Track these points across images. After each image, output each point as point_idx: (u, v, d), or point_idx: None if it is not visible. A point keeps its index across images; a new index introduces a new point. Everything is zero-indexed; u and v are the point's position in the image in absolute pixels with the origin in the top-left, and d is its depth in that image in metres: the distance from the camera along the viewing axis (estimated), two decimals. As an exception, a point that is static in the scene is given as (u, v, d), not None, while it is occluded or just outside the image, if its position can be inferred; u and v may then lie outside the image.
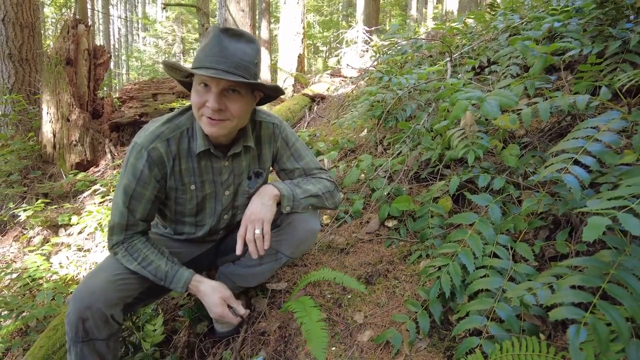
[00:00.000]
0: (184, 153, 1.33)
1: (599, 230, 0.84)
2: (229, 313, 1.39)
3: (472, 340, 1.13)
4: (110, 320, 1.26)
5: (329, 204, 1.51)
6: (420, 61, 3.36)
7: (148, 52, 21.82)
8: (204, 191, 1.42)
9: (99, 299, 1.23)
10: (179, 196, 1.39)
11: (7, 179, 4.05)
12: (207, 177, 1.40)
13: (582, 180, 1.08)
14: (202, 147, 1.32)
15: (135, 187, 1.29)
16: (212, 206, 1.47)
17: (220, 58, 1.16)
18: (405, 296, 1.61)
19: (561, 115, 1.83)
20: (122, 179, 1.30)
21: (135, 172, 1.27)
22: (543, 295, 1.00)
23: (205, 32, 1.23)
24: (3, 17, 5.25)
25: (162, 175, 1.32)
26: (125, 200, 1.30)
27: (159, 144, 1.28)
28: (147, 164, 1.27)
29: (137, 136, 1.30)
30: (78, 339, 1.23)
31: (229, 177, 1.43)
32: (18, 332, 2.36)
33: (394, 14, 18.53)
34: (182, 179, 1.36)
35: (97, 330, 1.24)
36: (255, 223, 1.32)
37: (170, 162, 1.31)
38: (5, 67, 5.31)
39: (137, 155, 1.27)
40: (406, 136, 2.25)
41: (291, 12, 6.44)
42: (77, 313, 1.21)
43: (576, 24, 2.01)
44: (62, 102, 4.15)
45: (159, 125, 1.31)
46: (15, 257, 3.32)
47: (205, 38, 1.22)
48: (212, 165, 1.39)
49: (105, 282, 1.26)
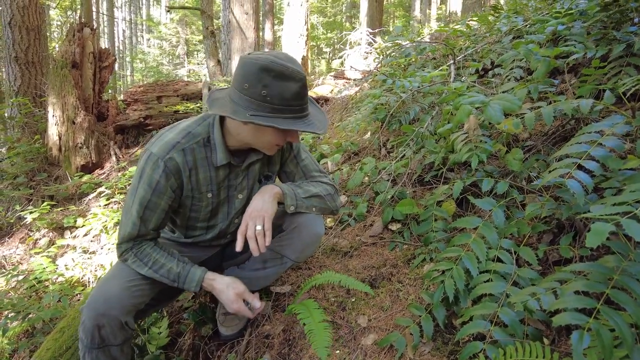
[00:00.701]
0: (202, 163, 1.32)
1: (602, 236, 0.84)
2: (245, 308, 1.37)
3: (476, 345, 1.13)
4: (125, 327, 1.27)
5: (331, 207, 1.52)
6: (424, 63, 3.37)
7: (152, 53, 21.93)
8: (219, 197, 1.42)
9: (115, 306, 1.23)
10: (195, 203, 1.39)
11: (13, 182, 4.09)
12: (223, 184, 1.40)
13: (585, 185, 1.08)
14: (224, 160, 1.32)
15: (150, 198, 1.27)
16: (225, 210, 1.47)
17: (302, 104, 1.22)
18: (409, 300, 1.61)
19: (565, 119, 1.83)
20: (138, 189, 1.28)
21: (151, 183, 1.26)
22: (546, 301, 1.00)
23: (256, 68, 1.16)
24: (9, 20, 5.31)
25: (178, 185, 1.31)
26: (139, 211, 1.28)
27: (175, 154, 1.26)
28: (164, 174, 1.26)
29: (152, 145, 1.28)
30: (94, 346, 1.24)
31: (243, 180, 1.44)
32: (24, 333, 2.39)
33: (397, 15, 18.54)
34: (200, 187, 1.35)
35: (113, 336, 1.25)
36: (256, 219, 1.31)
37: (187, 172, 1.30)
38: (11, 70, 5.37)
39: (154, 165, 1.25)
40: (410, 139, 2.26)
41: (295, 14, 6.46)
42: (93, 320, 1.21)
43: (580, 27, 2.01)
44: (67, 104, 4.18)
45: (175, 135, 1.29)
46: (22, 259, 3.35)
47: (266, 77, 1.17)
48: (229, 172, 1.39)
49: (120, 290, 1.26)
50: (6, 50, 5.41)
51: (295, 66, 1.18)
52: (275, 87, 1.15)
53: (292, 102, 1.18)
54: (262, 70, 1.15)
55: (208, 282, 1.37)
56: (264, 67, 1.15)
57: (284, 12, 6.94)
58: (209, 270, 1.40)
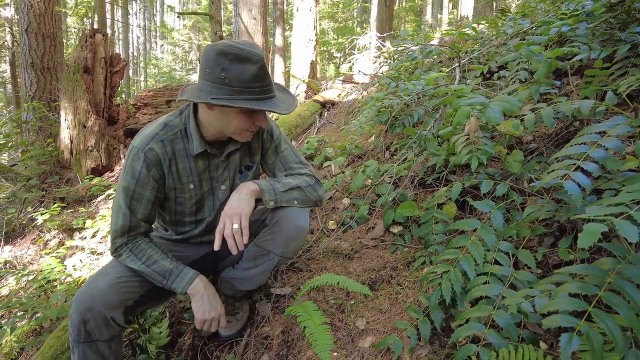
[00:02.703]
0: (180, 153, 1.37)
1: (594, 237, 0.82)
2: (208, 327, 1.42)
3: (470, 348, 1.12)
4: (111, 322, 1.29)
5: (313, 197, 1.51)
6: (430, 67, 3.36)
7: (165, 59, 22.27)
8: (202, 189, 1.45)
9: (100, 301, 1.26)
10: (178, 195, 1.43)
11: (26, 184, 4.18)
12: (204, 175, 1.44)
13: (583, 187, 1.06)
14: (200, 148, 1.36)
15: (135, 188, 1.32)
16: (210, 203, 1.50)
17: (263, 86, 1.23)
18: (408, 302, 1.60)
19: (569, 121, 1.80)
20: (122, 181, 1.34)
21: (134, 174, 1.32)
22: (541, 303, 0.98)
23: (213, 53, 1.23)
24: (26, 27, 5.45)
25: (159, 175, 1.35)
26: (126, 201, 1.33)
27: (154, 145, 1.32)
28: (145, 165, 1.31)
29: (134, 139, 1.35)
30: (80, 340, 1.27)
31: (224, 171, 1.47)
32: (32, 332, 2.43)
33: (408, 20, 18.51)
34: (180, 178, 1.40)
35: (99, 331, 1.27)
36: (233, 217, 1.32)
37: (167, 162, 1.35)
38: (27, 76, 5.51)
39: (135, 157, 1.31)
40: (412, 142, 2.25)
41: (304, 19, 6.50)
42: (79, 315, 1.25)
43: (585, 28, 1.99)
44: (79, 109, 4.27)
45: (154, 128, 1.35)
46: (32, 259, 3.42)
47: (223, 60, 1.20)
48: (209, 163, 1.43)
49: (106, 286, 1.29)
50: (23, 57, 5.56)
51: (253, 49, 1.21)
52: (232, 69, 1.19)
53: (251, 84, 1.21)
54: (220, 54, 1.19)
55: (196, 286, 1.37)
56: (221, 51, 1.19)
57: (293, 18, 6.98)
58: (202, 275, 1.41)
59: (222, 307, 1.44)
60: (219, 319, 1.41)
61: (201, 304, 1.37)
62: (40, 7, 5.45)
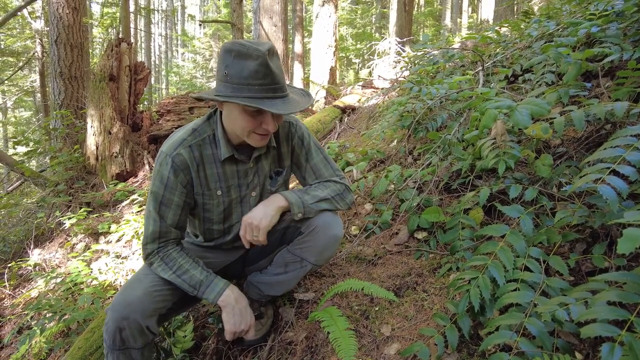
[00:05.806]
0: (208, 159, 1.37)
1: (635, 242, 0.79)
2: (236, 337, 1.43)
3: (501, 356, 1.08)
4: (146, 331, 1.30)
5: (341, 206, 1.52)
6: (452, 71, 3.32)
7: (186, 67, 22.72)
8: (230, 196, 1.45)
9: (136, 310, 1.27)
10: (206, 202, 1.43)
11: (54, 189, 4.31)
12: (232, 182, 1.43)
13: (619, 191, 1.03)
14: (227, 153, 1.36)
15: (163, 193, 1.34)
16: (239, 210, 1.50)
17: (264, 84, 1.17)
18: (434, 309, 1.57)
19: (599, 124, 1.75)
20: (152, 187, 1.36)
21: (162, 179, 1.33)
22: (576, 311, 0.95)
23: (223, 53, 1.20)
24: (56, 38, 5.65)
25: (187, 180, 1.36)
26: (155, 207, 1.35)
27: (182, 150, 1.33)
28: (172, 170, 1.32)
29: (163, 145, 1.37)
30: (115, 347, 1.28)
31: (254, 178, 1.46)
32: (60, 333, 2.49)
33: (427, 25, 18.41)
34: (208, 184, 1.40)
35: (133, 339, 1.29)
36: (254, 229, 1.35)
37: (195, 167, 1.36)
38: (56, 85, 5.70)
39: (163, 162, 1.33)
40: (436, 146, 2.22)
41: (323, 25, 6.54)
42: (115, 323, 1.26)
43: (616, 29, 1.93)
44: (104, 116, 4.38)
45: (182, 133, 1.36)
46: (60, 263, 3.51)
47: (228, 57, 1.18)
48: (238, 169, 1.42)
49: (142, 294, 1.30)
50: (52, 67, 5.76)
51: (257, 46, 1.17)
52: (234, 66, 1.17)
53: (250, 81, 1.17)
54: (226, 51, 1.19)
55: (226, 297, 1.38)
56: (227, 48, 1.19)
57: (313, 25, 7.03)
58: (232, 285, 1.42)
59: (253, 318, 1.44)
60: (249, 330, 1.42)
61: (232, 316, 1.37)
62: (69, 19, 5.65)
